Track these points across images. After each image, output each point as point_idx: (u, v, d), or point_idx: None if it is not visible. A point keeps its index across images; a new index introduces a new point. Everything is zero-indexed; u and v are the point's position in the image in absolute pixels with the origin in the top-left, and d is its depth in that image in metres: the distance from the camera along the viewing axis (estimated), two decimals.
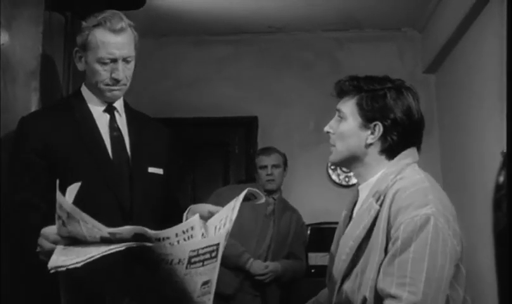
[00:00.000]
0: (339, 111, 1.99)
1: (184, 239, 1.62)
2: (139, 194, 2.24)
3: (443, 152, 5.05)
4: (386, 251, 1.77)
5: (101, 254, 1.53)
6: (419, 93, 5.25)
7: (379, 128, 1.89)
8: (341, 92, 2.00)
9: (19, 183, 2.13)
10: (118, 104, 2.35)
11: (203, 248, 1.61)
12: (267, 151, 4.23)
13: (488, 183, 3.59)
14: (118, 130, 2.31)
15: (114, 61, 2.21)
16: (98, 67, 2.21)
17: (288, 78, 5.40)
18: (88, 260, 1.53)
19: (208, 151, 5.35)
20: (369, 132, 1.91)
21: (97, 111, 2.30)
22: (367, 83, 1.94)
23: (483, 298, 3.62)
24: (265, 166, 4.11)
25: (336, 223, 2.15)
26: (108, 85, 2.24)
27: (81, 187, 2.14)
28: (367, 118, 1.91)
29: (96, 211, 2.09)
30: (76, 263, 1.52)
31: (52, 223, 1.68)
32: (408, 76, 5.22)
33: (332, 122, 2.02)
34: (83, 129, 2.24)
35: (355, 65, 5.16)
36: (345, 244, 1.92)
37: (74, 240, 1.64)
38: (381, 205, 1.84)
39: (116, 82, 2.23)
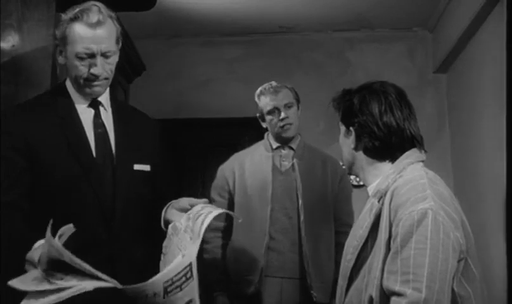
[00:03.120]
0: None
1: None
2: (122, 194, 2.17)
3: (454, 151, 5.03)
4: (389, 248, 1.78)
5: (70, 294, 1.52)
6: (430, 93, 5.24)
7: (352, 133, 2.02)
8: (337, 109, 2.13)
9: (2, 184, 2.05)
10: (104, 98, 2.27)
11: (176, 275, 1.62)
12: (274, 88, 3.21)
13: (500, 182, 3.57)
14: (103, 126, 2.23)
15: (92, 56, 2.12)
16: (76, 62, 2.13)
17: (299, 78, 5.38)
18: (55, 301, 1.52)
19: (218, 152, 5.35)
20: (351, 137, 2.03)
21: (81, 106, 2.22)
22: (344, 97, 2.08)
23: (493, 295, 3.60)
24: (276, 109, 3.15)
25: None
26: (87, 80, 2.16)
27: (62, 186, 2.07)
28: (346, 125, 2.05)
29: (77, 211, 2.06)
30: (44, 303, 1.52)
31: (34, 223, 1.64)
32: (419, 76, 5.25)
33: None
34: (67, 126, 2.16)
35: (366, 65, 5.17)
36: (350, 244, 1.98)
37: (57, 264, 1.60)
38: (382, 204, 1.87)
39: (95, 77, 2.15)
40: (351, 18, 5.13)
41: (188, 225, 1.88)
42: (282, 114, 3.13)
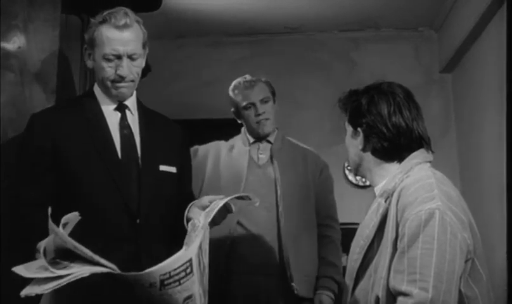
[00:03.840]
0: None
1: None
2: (147, 194, 2.20)
3: (461, 151, 5.02)
4: (395, 248, 1.78)
5: (68, 280, 1.54)
6: (436, 93, 5.21)
7: (360, 133, 2.01)
8: (343, 110, 2.12)
9: (25, 181, 2.14)
10: (130, 102, 2.33)
11: (174, 269, 1.62)
12: (249, 83, 3.09)
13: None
14: (129, 128, 2.28)
15: (118, 57, 2.18)
16: (103, 64, 2.19)
17: (304, 78, 5.39)
18: (54, 287, 1.54)
19: None
20: (358, 138, 2.02)
21: (108, 109, 2.28)
22: (351, 98, 2.07)
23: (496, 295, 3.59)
24: (252, 104, 3.05)
25: (353, 223, 2.16)
26: (113, 82, 2.21)
27: (87, 186, 2.13)
28: (353, 126, 2.04)
29: (102, 210, 2.13)
30: (45, 289, 1.54)
31: (59, 222, 1.67)
32: (424, 76, 5.24)
33: None
34: (93, 127, 2.22)
35: (371, 65, 5.16)
36: (356, 244, 1.97)
37: (63, 252, 1.62)
38: (389, 203, 1.87)
39: (121, 78, 2.20)
40: (356, 18, 5.13)
41: (205, 222, 1.91)
42: (259, 110, 3.03)
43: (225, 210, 2.13)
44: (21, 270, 1.61)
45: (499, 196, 3.81)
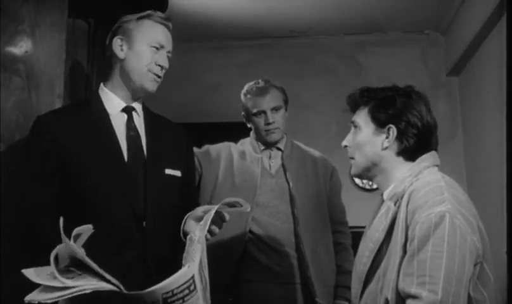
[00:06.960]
0: (353, 122, 2.07)
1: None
2: (153, 196, 2.20)
3: (467, 155, 5.01)
4: (405, 251, 1.79)
5: (70, 294, 1.54)
6: (443, 96, 5.19)
7: (393, 131, 1.95)
8: (354, 105, 2.08)
9: (31, 186, 2.13)
10: (137, 105, 2.33)
11: (177, 287, 1.62)
12: (262, 89, 3.03)
13: None
14: (135, 130, 2.27)
15: (162, 47, 2.26)
16: (146, 52, 2.24)
17: (310, 82, 5.39)
18: (57, 299, 1.54)
19: None
20: (384, 136, 1.97)
21: (114, 111, 2.28)
22: (377, 92, 2.02)
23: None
24: (263, 112, 2.99)
25: (360, 227, 2.15)
26: (150, 71, 2.25)
27: (93, 188, 2.13)
28: (380, 123, 1.98)
29: (109, 213, 2.12)
30: (48, 299, 1.54)
31: (66, 225, 1.67)
32: (431, 79, 5.23)
33: (349, 135, 2.09)
34: (98, 129, 2.21)
35: (378, 69, 5.16)
36: (365, 247, 1.97)
37: (76, 261, 1.63)
38: (399, 206, 1.87)
39: (161, 68, 2.26)
40: (363, 21, 5.13)
41: (200, 235, 1.89)
42: (269, 119, 2.97)
43: (219, 220, 2.13)
44: (30, 273, 1.61)
45: (505, 199, 3.80)
